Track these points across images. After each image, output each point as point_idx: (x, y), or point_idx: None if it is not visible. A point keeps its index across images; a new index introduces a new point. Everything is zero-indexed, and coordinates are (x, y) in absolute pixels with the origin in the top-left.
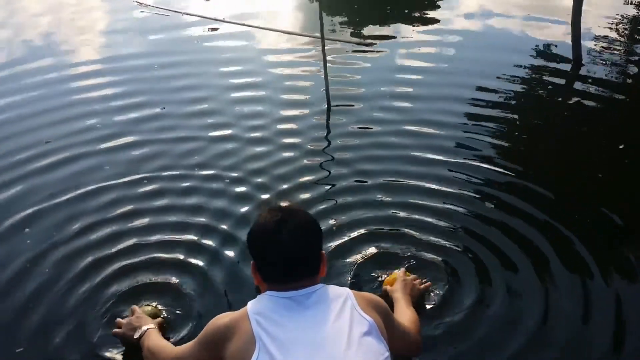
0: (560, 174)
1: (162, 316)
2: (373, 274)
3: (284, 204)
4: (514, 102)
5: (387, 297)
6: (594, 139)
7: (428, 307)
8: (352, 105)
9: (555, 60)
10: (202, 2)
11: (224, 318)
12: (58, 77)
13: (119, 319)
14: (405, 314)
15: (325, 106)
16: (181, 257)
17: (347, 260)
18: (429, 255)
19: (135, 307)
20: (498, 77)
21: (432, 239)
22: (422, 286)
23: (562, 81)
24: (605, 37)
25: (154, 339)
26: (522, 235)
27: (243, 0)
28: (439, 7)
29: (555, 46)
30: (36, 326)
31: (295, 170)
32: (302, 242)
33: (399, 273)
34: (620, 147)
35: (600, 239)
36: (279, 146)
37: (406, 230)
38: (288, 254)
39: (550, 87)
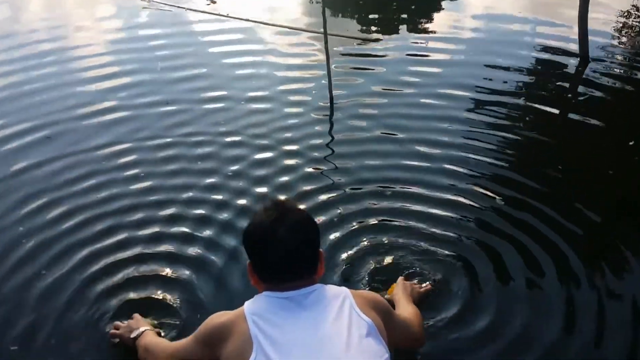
0: (569, 171)
1: (160, 329)
2: (374, 279)
3: (279, 201)
4: (521, 97)
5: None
6: (603, 136)
7: (429, 310)
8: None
9: (563, 55)
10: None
11: (220, 317)
12: (54, 60)
13: (117, 322)
14: (406, 310)
15: (327, 99)
16: (188, 268)
17: (345, 259)
18: (428, 262)
19: (136, 314)
20: (505, 71)
21: (431, 245)
22: (422, 289)
23: (569, 77)
24: (613, 30)
25: (150, 338)
26: (526, 239)
27: None
28: (446, 2)
29: (562, 41)
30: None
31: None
32: (299, 240)
33: (398, 280)
34: (630, 143)
35: (609, 239)
36: (284, 115)
37: (404, 238)
38: (285, 253)
39: (558, 83)
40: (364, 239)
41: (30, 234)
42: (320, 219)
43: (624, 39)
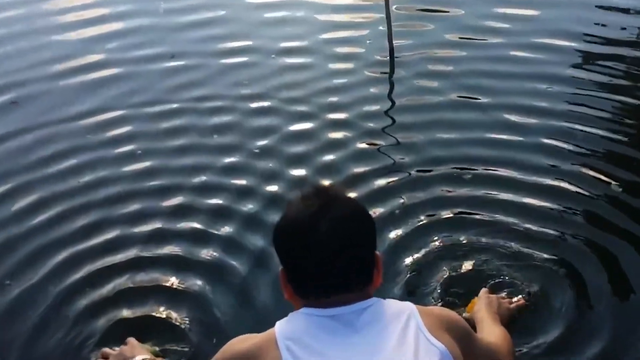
0: None
1: (163, 358)
2: (450, 291)
3: (322, 187)
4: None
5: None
6: None
7: (523, 333)
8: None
9: None
10: None
11: (243, 342)
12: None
13: (105, 349)
14: (492, 331)
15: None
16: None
17: (410, 265)
18: (520, 269)
19: (131, 338)
20: (623, 14)
21: (524, 246)
22: (513, 305)
23: None
24: None
25: None
26: None
27: None
28: None
29: None
30: None
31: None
32: (349, 239)
33: (480, 293)
34: None
35: None
36: (328, 73)
37: (489, 238)
38: (329, 257)
39: None
40: (435, 238)
41: None
42: (376, 211)
43: None
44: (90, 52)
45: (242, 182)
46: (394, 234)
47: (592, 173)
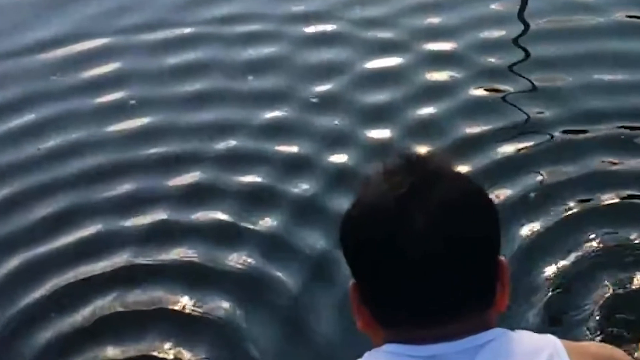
0: None
1: None
2: (614, 318)
3: (416, 157)
4: None
5: None
6: None
7: None
8: None
9: None
10: None
11: None
12: None
13: None
14: None
15: None
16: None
17: (553, 278)
18: None
19: None
20: None
21: None
22: None
23: None
24: None
25: None
26: None
27: None
28: None
29: None
30: None
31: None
32: (456, 239)
33: None
34: None
35: None
36: None
37: None
38: (426, 266)
39: None
40: (591, 236)
41: None
42: (500, 195)
43: None
44: None
45: (292, 148)
46: (527, 229)
47: None
